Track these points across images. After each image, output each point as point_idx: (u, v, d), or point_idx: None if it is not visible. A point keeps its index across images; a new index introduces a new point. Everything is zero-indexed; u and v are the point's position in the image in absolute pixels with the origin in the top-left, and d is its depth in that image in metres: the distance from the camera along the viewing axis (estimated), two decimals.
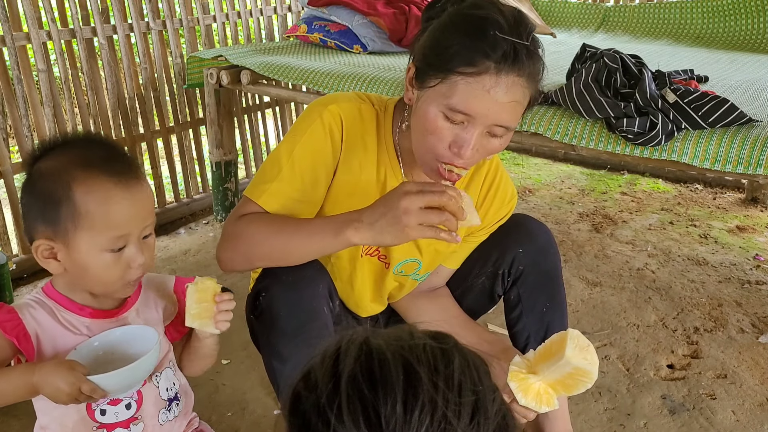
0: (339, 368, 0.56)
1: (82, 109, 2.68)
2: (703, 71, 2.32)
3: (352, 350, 0.57)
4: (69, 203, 0.99)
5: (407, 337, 0.59)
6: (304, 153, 1.24)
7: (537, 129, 1.90)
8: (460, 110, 1.11)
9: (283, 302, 1.24)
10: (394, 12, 2.83)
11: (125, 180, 1.02)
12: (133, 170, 1.04)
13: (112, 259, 1.03)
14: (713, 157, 1.68)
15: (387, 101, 1.34)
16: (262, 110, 3.42)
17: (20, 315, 1.05)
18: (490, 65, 1.09)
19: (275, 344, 1.25)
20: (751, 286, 2.35)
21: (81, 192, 0.99)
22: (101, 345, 1.08)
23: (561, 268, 1.48)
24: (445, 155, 1.16)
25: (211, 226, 2.96)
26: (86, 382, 0.97)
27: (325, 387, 0.55)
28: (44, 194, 1.01)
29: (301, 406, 0.57)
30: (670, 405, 1.75)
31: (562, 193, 3.31)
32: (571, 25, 3.43)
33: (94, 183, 1.00)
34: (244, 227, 1.22)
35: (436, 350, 0.58)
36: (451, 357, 0.58)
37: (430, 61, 1.15)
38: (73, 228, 1.00)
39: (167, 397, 1.17)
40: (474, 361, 0.60)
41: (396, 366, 0.55)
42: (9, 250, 2.46)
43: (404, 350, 0.57)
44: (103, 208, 1.00)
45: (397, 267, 1.42)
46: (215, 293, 1.12)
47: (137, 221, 1.04)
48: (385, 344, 0.58)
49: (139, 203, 1.04)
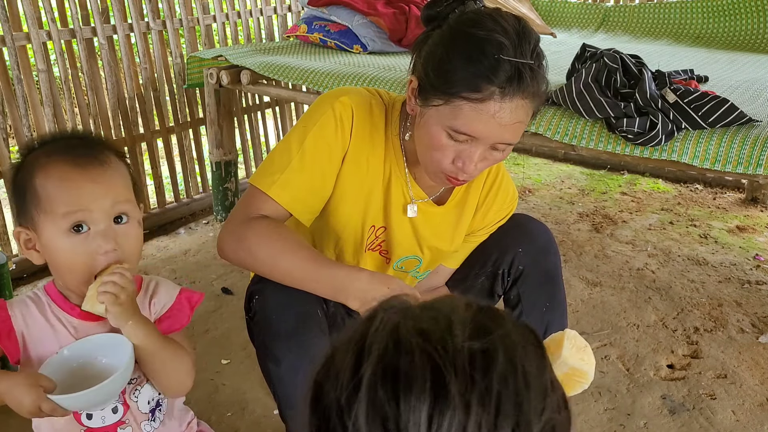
0: (362, 364, 0.50)
1: (82, 109, 2.68)
2: (703, 71, 2.32)
3: (379, 341, 0.51)
4: (32, 189, 1.01)
5: (444, 329, 0.50)
6: (315, 143, 1.24)
7: (537, 129, 1.90)
8: (464, 132, 1.12)
9: (276, 304, 1.24)
10: (394, 12, 2.83)
11: (84, 161, 1.01)
12: (96, 153, 1.03)
13: (75, 242, 1.00)
14: (713, 157, 1.68)
15: (395, 98, 1.34)
16: (262, 110, 3.42)
17: (10, 312, 1.05)
18: (494, 90, 1.08)
19: (269, 346, 1.24)
20: (751, 286, 2.35)
21: (41, 177, 1.00)
22: (72, 355, 1.04)
23: (561, 268, 1.48)
24: (450, 169, 1.18)
25: (211, 226, 2.96)
26: (46, 401, 0.95)
27: (346, 385, 0.50)
28: (15, 185, 1.04)
29: (322, 399, 0.52)
30: (670, 405, 1.75)
31: (562, 193, 3.31)
32: (571, 25, 3.43)
33: (53, 167, 1.01)
34: (248, 237, 1.20)
35: (475, 353, 0.49)
36: (492, 362, 0.49)
37: (433, 83, 1.14)
38: (37, 214, 1.01)
39: (149, 409, 1.14)
40: (522, 360, 0.50)
41: (424, 373, 0.48)
42: (9, 250, 2.46)
43: (436, 352, 0.48)
44: (59, 189, 1.00)
45: (398, 263, 1.42)
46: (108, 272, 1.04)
47: (98, 201, 1.01)
48: (416, 340, 0.49)
49: (101, 183, 1.02)
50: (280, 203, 1.24)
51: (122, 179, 1.06)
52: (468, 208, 1.41)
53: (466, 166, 1.15)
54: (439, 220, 1.39)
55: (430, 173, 1.24)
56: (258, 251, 1.20)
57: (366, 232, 1.35)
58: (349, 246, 1.36)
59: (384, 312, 0.54)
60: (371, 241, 1.38)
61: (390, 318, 0.52)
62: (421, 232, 1.38)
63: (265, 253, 1.20)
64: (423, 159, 1.23)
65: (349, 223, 1.33)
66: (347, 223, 1.33)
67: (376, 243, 1.39)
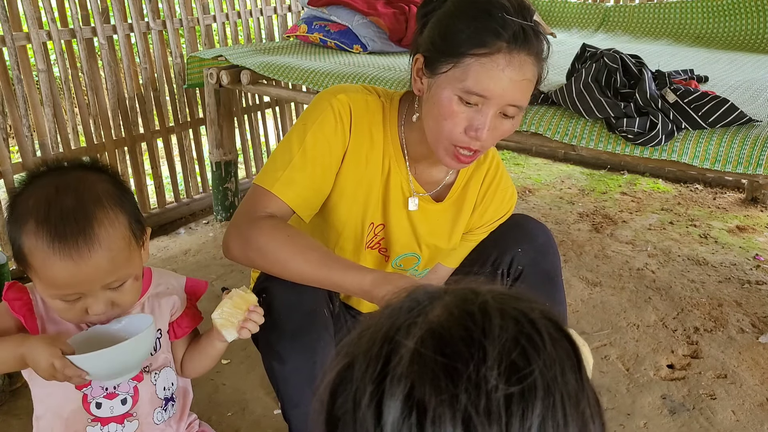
0: (384, 393, 0.46)
1: (82, 109, 2.68)
2: (703, 71, 2.32)
3: (404, 372, 0.46)
4: (20, 251, 0.98)
5: (476, 362, 0.45)
6: (315, 141, 1.24)
7: (537, 129, 1.90)
8: (475, 92, 1.13)
9: (283, 303, 1.24)
10: (394, 12, 2.83)
11: (69, 247, 0.94)
12: (83, 235, 0.95)
13: (66, 305, 1.01)
14: (713, 157, 1.68)
15: (393, 94, 1.35)
16: (262, 110, 3.43)
17: (31, 296, 1.07)
18: (502, 45, 1.11)
19: (275, 345, 1.25)
20: (751, 286, 2.35)
21: (28, 247, 0.97)
22: (96, 332, 1.06)
23: (560, 268, 1.48)
24: (462, 139, 1.18)
25: (211, 226, 2.96)
26: (60, 358, 0.96)
27: (366, 414, 0.46)
28: (9, 228, 1.00)
29: (335, 410, 0.49)
30: (670, 405, 1.75)
31: (562, 193, 3.31)
32: (571, 25, 3.43)
33: (39, 243, 0.95)
34: (258, 235, 1.20)
35: (512, 397, 0.44)
36: (531, 407, 0.44)
37: (441, 48, 1.16)
38: (29, 271, 1.00)
39: (164, 396, 1.16)
40: (561, 391, 0.46)
41: (454, 421, 0.43)
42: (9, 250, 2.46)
43: (468, 398, 0.44)
44: (44, 270, 0.97)
45: (396, 260, 1.42)
46: (251, 303, 1.14)
47: (86, 284, 0.98)
48: (444, 382, 0.45)
49: (86, 270, 0.96)
50: (285, 200, 1.24)
51: (114, 251, 0.99)
52: (466, 206, 1.41)
53: (480, 132, 1.16)
54: (438, 216, 1.39)
55: (441, 150, 1.23)
56: (268, 252, 1.19)
57: (365, 229, 1.35)
58: (349, 244, 1.37)
59: (406, 330, 0.48)
60: (370, 239, 1.38)
61: (413, 337, 0.47)
62: (420, 229, 1.38)
63: (275, 254, 1.19)
64: (433, 134, 1.22)
65: (349, 220, 1.33)
66: (347, 220, 1.33)
67: (375, 241, 1.39)
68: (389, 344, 0.48)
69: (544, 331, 0.48)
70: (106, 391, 1.09)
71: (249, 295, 1.14)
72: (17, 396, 1.76)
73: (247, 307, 1.13)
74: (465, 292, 0.51)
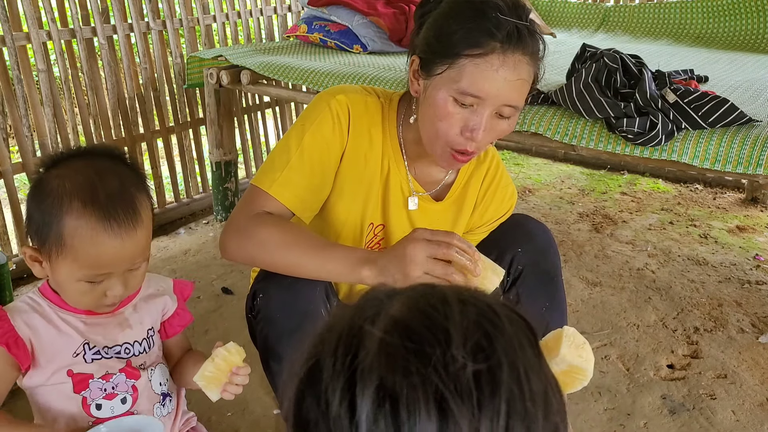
0: (355, 385, 0.46)
1: (82, 109, 2.68)
2: (703, 71, 2.32)
3: (373, 365, 0.46)
4: (58, 232, 0.99)
5: (443, 345, 0.47)
6: (314, 141, 1.24)
7: (537, 129, 1.90)
8: (470, 93, 1.13)
9: (280, 303, 1.23)
10: (394, 12, 2.83)
11: (119, 225, 1.00)
12: (133, 214, 1.02)
13: (88, 287, 1.04)
14: (713, 157, 1.68)
15: (392, 94, 1.35)
16: (262, 110, 3.42)
17: (12, 321, 1.05)
18: (496, 45, 1.11)
19: (272, 345, 1.24)
20: (751, 286, 2.35)
21: (71, 227, 0.98)
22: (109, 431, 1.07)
23: (561, 268, 1.48)
24: (457, 141, 1.18)
25: (211, 226, 2.96)
26: None
27: (338, 411, 0.46)
28: (41, 211, 1.01)
29: (305, 413, 0.49)
30: (670, 405, 1.75)
31: (562, 193, 3.31)
32: (571, 25, 3.43)
33: (87, 222, 0.98)
34: (257, 229, 1.20)
35: (481, 374, 0.46)
36: (499, 382, 0.46)
37: (435, 49, 1.16)
38: (56, 254, 1.01)
39: (161, 391, 1.17)
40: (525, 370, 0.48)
41: (427, 403, 0.44)
42: (9, 250, 2.46)
43: (439, 378, 0.45)
44: (89, 248, 0.99)
45: None
46: (234, 365, 1.12)
47: (123, 263, 1.04)
48: (415, 365, 0.46)
49: (129, 248, 1.02)
50: (282, 201, 1.24)
51: (148, 230, 1.07)
52: (466, 205, 1.41)
53: (475, 133, 1.15)
54: (438, 216, 1.39)
55: (437, 152, 1.23)
56: (268, 242, 1.18)
57: (365, 229, 1.35)
58: (348, 244, 1.36)
59: (370, 323, 0.49)
60: (370, 239, 1.38)
61: (378, 329, 0.49)
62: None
63: (274, 243, 1.18)
64: (429, 136, 1.22)
65: (348, 221, 1.33)
66: (346, 220, 1.33)
67: (375, 241, 1.39)
68: (355, 338, 0.49)
69: (502, 313, 0.51)
70: (105, 392, 1.09)
71: (232, 355, 1.12)
72: (17, 396, 1.76)
73: (230, 369, 1.11)
74: (423, 287, 0.54)
